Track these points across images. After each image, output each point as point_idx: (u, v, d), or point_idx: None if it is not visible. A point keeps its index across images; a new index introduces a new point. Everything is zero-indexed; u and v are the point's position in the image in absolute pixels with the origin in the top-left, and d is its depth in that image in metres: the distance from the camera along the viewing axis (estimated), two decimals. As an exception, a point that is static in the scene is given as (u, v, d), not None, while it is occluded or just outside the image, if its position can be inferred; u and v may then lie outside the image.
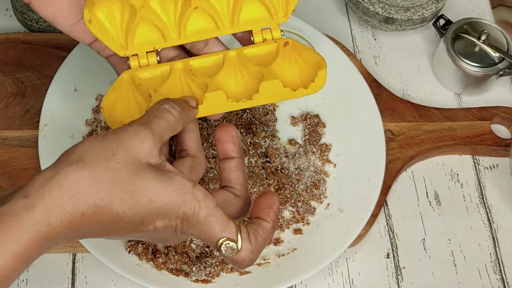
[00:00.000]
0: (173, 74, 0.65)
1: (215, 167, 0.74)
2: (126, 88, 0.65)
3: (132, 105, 0.65)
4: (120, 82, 0.65)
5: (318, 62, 0.65)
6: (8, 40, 0.86)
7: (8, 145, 0.79)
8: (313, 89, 0.64)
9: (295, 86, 0.64)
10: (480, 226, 0.80)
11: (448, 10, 0.94)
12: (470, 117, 0.85)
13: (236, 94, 0.64)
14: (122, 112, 0.64)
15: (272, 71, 0.64)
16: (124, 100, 0.65)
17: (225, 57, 0.66)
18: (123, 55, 0.65)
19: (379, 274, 0.76)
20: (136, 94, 0.65)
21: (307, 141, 0.81)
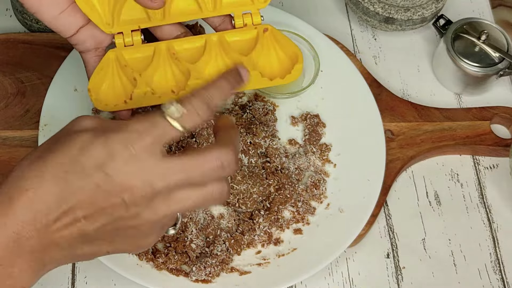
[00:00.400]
0: (157, 57, 0.67)
1: None
2: (112, 68, 0.67)
3: (118, 86, 0.67)
4: (106, 61, 0.67)
5: (296, 54, 0.68)
6: (8, 40, 0.86)
7: (8, 145, 0.79)
8: (288, 79, 0.68)
9: (272, 75, 0.67)
10: (480, 226, 0.80)
11: (448, 10, 0.94)
12: (470, 117, 0.85)
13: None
14: (108, 93, 0.67)
15: (251, 60, 0.67)
16: (110, 81, 0.67)
17: (207, 42, 0.68)
18: (109, 32, 0.67)
19: (379, 274, 0.76)
20: (121, 75, 0.67)
21: (307, 141, 0.81)
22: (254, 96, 0.83)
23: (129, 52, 0.68)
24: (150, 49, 0.68)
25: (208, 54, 0.68)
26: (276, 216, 0.75)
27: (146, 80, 0.66)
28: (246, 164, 0.76)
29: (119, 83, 0.67)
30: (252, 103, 0.82)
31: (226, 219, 0.75)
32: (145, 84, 0.66)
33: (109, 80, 0.67)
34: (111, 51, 0.68)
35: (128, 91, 0.67)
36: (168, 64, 0.68)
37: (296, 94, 0.83)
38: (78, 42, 0.68)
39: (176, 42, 0.69)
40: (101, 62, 0.67)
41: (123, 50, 0.68)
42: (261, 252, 0.74)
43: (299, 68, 0.68)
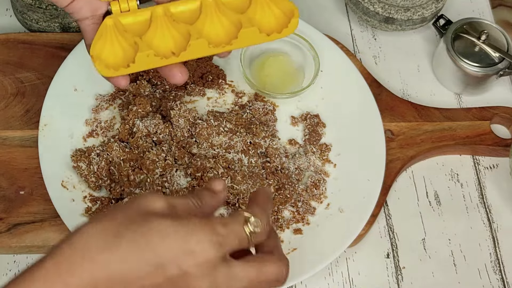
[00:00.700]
0: (155, 21, 0.68)
1: (215, 167, 0.74)
2: (111, 34, 0.67)
3: (119, 51, 0.67)
4: (104, 28, 0.68)
5: (291, 9, 0.69)
6: (8, 40, 0.86)
7: (8, 145, 0.79)
8: (285, 33, 0.69)
9: (269, 31, 0.68)
10: (480, 226, 0.80)
11: (448, 10, 0.94)
12: (470, 117, 0.85)
13: (216, 40, 0.68)
14: (110, 59, 0.67)
15: (248, 17, 0.68)
16: (110, 47, 0.67)
17: (202, 3, 0.69)
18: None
19: (379, 274, 0.76)
20: (121, 40, 0.67)
21: (307, 141, 0.81)
22: (254, 96, 0.83)
23: (126, 18, 0.69)
24: (147, 13, 0.69)
25: (204, 15, 0.69)
26: (276, 216, 0.75)
27: (147, 43, 0.67)
28: (246, 164, 0.76)
29: (120, 48, 0.68)
30: (252, 103, 0.82)
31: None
32: (147, 46, 0.67)
33: (109, 46, 0.68)
34: (108, 18, 0.68)
35: (129, 55, 0.67)
36: (166, 27, 0.68)
37: (296, 94, 0.83)
38: (74, 10, 0.68)
39: (172, 5, 0.69)
40: (99, 30, 0.68)
41: (120, 17, 0.68)
42: (261, 252, 0.74)
43: (295, 22, 0.68)
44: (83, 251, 0.51)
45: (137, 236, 0.51)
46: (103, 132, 0.79)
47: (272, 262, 0.56)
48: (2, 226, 0.74)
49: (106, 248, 0.51)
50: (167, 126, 0.77)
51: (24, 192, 0.76)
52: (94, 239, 0.51)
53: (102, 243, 0.51)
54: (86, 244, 0.51)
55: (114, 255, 0.51)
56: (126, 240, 0.51)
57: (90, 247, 0.51)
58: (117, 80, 0.68)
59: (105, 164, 0.74)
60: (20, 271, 0.52)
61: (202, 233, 0.52)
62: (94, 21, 0.68)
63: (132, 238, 0.51)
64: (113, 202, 0.74)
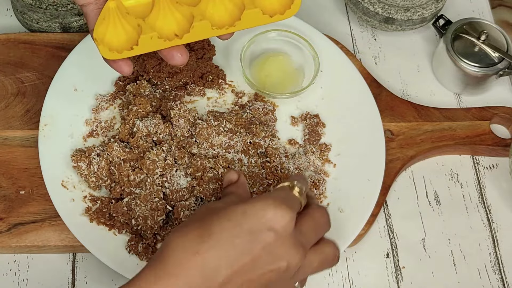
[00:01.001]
0: (158, 2, 0.67)
1: (215, 167, 0.74)
2: (114, 16, 0.67)
3: (122, 34, 0.67)
4: (107, 10, 0.67)
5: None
6: (8, 40, 0.87)
7: (9, 145, 0.79)
8: (288, 15, 0.68)
9: (272, 12, 0.68)
10: (479, 226, 0.80)
11: (448, 10, 0.94)
12: (470, 117, 0.85)
13: (219, 22, 0.68)
14: (113, 41, 0.67)
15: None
16: (113, 29, 0.67)
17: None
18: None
19: (379, 274, 0.76)
20: (124, 23, 0.67)
21: (307, 141, 0.81)
22: (254, 96, 0.83)
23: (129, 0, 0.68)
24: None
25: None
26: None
27: (150, 25, 0.67)
28: (246, 164, 0.76)
29: (123, 31, 0.68)
30: (252, 103, 0.82)
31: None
32: (150, 28, 0.67)
33: (112, 28, 0.67)
34: (110, 1, 0.67)
35: (132, 38, 0.67)
36: (169, 9, 0.68)
37: (296, 94, 0.83)
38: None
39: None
40: (102, 12, 0.67)
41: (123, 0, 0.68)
42: (261, 252, 0.74)
43: (298, 3, 0.68)
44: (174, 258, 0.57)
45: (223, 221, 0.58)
46: (103, 132, 0.79)
47: (328, 244, 0.63)
48: (2, 226, 0.74)
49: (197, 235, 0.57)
50: (167, 126, 0.77)
51: (24, 192, 0.76)
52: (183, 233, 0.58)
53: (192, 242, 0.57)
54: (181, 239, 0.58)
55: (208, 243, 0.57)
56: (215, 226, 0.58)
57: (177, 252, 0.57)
58: (120, 66, 0.67)
59: (105, 164, 0.75)
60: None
61: (272, 203, 0.59)
62: (97, 6, 0.68)
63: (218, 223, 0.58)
64: (113, 202, 0.74)
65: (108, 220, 0.73)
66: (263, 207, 0.58)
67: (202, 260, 0.56)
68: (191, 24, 0.66)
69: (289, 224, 0.58)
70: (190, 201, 0.73)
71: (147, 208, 0.72)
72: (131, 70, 0.68)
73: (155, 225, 0.72)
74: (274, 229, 0.58)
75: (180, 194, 0.73)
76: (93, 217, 0.73)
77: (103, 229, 0.73)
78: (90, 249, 0.71)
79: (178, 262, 0.56)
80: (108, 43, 0.67)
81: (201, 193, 0.73)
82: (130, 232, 0.73)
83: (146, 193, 0.72)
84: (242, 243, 0.57)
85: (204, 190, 0.73)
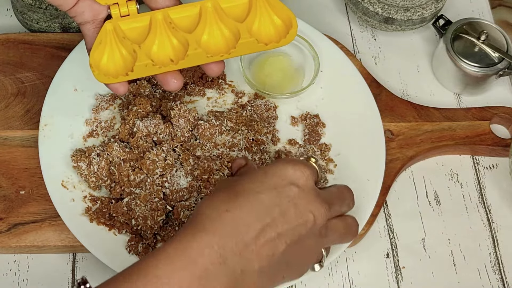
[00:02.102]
0: (154, 27, 0.69)
1: (221, 169, 0.74)
2: (110, 40, 0.68)
3: (118, 59, 0.68)
4: (104, 33, 0.68)
5: (289, 18, 0.69)
6: (8, 40, 0.87)
7: (9, 145, 0.79)
8: (283, 43, 0.69)
9: (268, 41, 0.69)
10: (479, 226, 0.80)
11: (447, 10, 0.94)
12: (469, 117, 0.85)
13: (214, 50, 0.69)
14: (109, 66, 0.68)
15: (247, 26, 0.69)
16: (110, 54, 0.68)
17: (202, 9, 0.69)
18: (104, 3, 0.68)
19: (379, 274, 0.76)
20: (121, 47, 0.68)
21: (307, 141, 0.81)
22: (254, 96, 0.83)
23: (126, 23, 0.69)
24: (146, 19, 0.69)
25: (204, 21, 0.69)
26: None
27: (145, 52, 0.68)
28: None
29: (119, 55, 0.69)
30: (254, 101, 0.82)
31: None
32: (145, 56, 0.67)
33: (108, 52, 0.68)
34: (108, 23, 0.69)
35: (128, 63, 0.68)
36: (166, 34, 0.69)
37: (296, 94, 0.83)
38: (77, 14, 0.69)
39: (171, 10, 0.70)
40: (99, 35, 0.68)
41: (120, 21, 0.69)
42: (261, 252, 0.74)
43: (293, 32, 0.69)
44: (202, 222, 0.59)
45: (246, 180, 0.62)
46: (103, 132, 0.79)
47: (350, 216, 0.68)
48: (2, 226, 0.74)
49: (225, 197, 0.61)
50: (167, 126, 0.77)
51: (24, 192, 0.76)
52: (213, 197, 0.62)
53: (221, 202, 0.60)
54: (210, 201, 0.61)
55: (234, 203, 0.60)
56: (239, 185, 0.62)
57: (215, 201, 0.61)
58: (116, 87, 0.69)
59: (105, 164, 0.75)
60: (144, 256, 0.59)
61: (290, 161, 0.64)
62: (95, 25, 0.69)
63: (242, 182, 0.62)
64: (113, 202, 0.74)
65: (108, 220, 0.73)
66: (282, 166, 0.63)
67: (233, 216, 0.59)
68: (186, 50, 0.67)
69: (310, 179, 0.63)
70: (190, 201, 0.73)
71: (147, 208, 0.72)
72: (126, 91, 0.69)
73: (155, 225, 0.72)
74: (295, 184, 0.62)
75: (180, 194, 0.73)
76: (93, 217, 0.73)
77: (103, 229, 0.73)
78: (90, 249, 0.71)
79: (212, 220, 0.59)
80: (104, 69, 0.68)
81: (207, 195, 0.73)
82: (130, 232, 0.73)
83: (146, 193, 0.72)
84: (268, 198, 0.60)
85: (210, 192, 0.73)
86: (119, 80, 0.67)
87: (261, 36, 0.69)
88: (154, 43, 0.69)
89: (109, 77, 0.67)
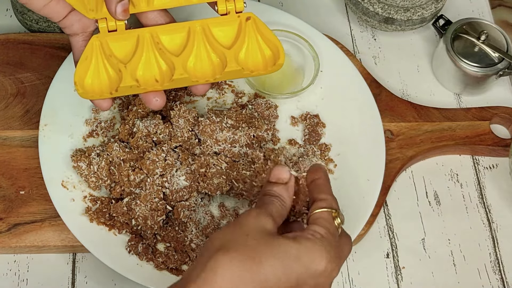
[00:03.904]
0: (141, 45, 0.68)
1: (218, 163, 0.74)
2: (96, 56, 0.68)
3: (104, 76, 0.68)
4: (90, 49, 0.68)
5: (277, 48, 0.69)
6: (8, 40, 0.86)
7: (9, 145, 0.79)
8: (269, 71, 0.69)
9: (254, 69, 0.69)
10: (479, 226, 0.80)
11: (447, 10, 0.94)
12: (469, 117, 0.85)
13: (200, 76, 0.68)
14: (94, 84, 0.68)
15: (234, 53, 0.68)
16: (95, 70, 0.68)
17: (190, 31, 0.69)
18: (92, 17, 0.68)
19: (379, 274, 0.76)
20: (107, 65, 0.68)
21: (307, 141, 0.81)
22: (254, 96, 0.83)
23: (113, 39, 0.69)
24: (134, 35, 0.69)
25: (192, 44, 0.69)
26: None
27: (131, 72, 0.67)
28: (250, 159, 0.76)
29: (105, 73, 0.68)
30: (254, 99, 0.82)
31: (226, 219, 0.75)
32: (130, 77, 0.67)
33: (94, 70, 0.68)
34: (95, 37, 0.68)
35: (113, 82, 0.68)
36: (153, 53, 0.68)
37: (296, 94, 0.83)
38: (66, 25, 0.69)
39: (160, 29, 0.69)
40: (85, 51, 0.68)
41: (107, 37, 0.69)
42: (261, 252, 0.74)
43: (280, 63, 0.68)
44: (231, 279, 0.54)
45: (275, 260, 0.55)
46: (103, 132, 0.79)
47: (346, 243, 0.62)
48: (2, 226, 0.74)
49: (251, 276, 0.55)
50: (167, 126, 0.77)
51: (24, 192, 0.76)
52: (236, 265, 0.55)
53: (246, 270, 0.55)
54: (233, 272, 0.54)
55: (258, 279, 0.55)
56: (267, 265, 0.55)
57: (236, 275, 0.54)
58: (99, 103, 0.69)
59: (105, 164, 0.75)
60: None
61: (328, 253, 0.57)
62: (84, 38, 0.70)
63: (271, 263, 0.55)
64: (113, 202, 0.74)
65: (108, 220, 0.73)
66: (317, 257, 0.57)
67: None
68: (172, 73, 0.67)
69: (334, 277, 0.59)
70: (190, 201, 0.73)
71: (147, 208, 0.72)
72: (110, 106, 0.69)
73: (155, 225, 0.72)
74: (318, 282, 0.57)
75: (180, 194, 0.73)
76: (93, 217, 0.73)
77: (103, 229, 0.73)
78: (90, 249, 0.71)
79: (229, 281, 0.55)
80: (88, 88, 0.67)
81: (205, 189, 0.73)
82: (130, 232, 0.73)
83: (146, 193, 0.72)
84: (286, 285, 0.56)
85: (208, 186, 0.73)
86: (102, 97, 0.67)
87: (248, 64, 0.69)
88: (140, 62, 0.68)
89: (93, 96, 0.67)
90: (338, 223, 0.61)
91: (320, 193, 0.62)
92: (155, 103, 0.68)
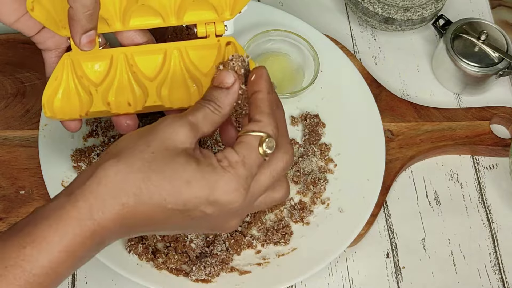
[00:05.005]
0: (114, 66, 0.66)
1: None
2: (67, 76, 0.65)
3: (74, 98, 0.65)
4: (61, 67, 0.65)
5: None
6: (8, 40, 0.86)
7: (8, 145, 0.79)
8: None
9: None
10: (479, 226, 0.80)
11: (447, 10, 0.94)
12: (469, 117, 0.85)
13: (175, 102, 0.65)
14: (63, 104, 0.65)
15: (210, 79, 0.63)
16: (65, 92, 0.65)
17: (166, 53, 0.66)
18: (65, 35, 0.65)
19: (379, 274, 0.76)
20: (78, 86, 0.66)
21: (306, 141, 0.81)
22: (254, 96, 0.83)
23: (86, 58, 0.66)
24: (107, 55, 0.66)
25: (167, 69, 0.66)
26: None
27: (102, 97, 0.65)
28: None
29: (76, 95, 0.66)
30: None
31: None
32: (101, 101, 0.65)
33: (64, 90, 0.65)
34: (66, 56, 0.66)
35: (84, 104, 0.65)
36: (126, 76, 0.66)
37: (296, 94, 0.83)
38: (39, 41, 0.67)
39: (135, 49, 0.66)
40: (55, 70, 0.65)
41: (80, 55, 0.66)
42: (261, 251, 0.74)
43: None
44: (113, 190, 0.52)
45: (164, 182, 0.52)
46: (103, 132, 0.79)
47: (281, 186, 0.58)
48: (2, 226, 0.74)
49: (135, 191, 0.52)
50: (167, 126, 0.76)
51: (24, 192, 0.76)
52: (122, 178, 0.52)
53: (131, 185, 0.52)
54: (116, 184, 0.52)
55: (142, 197, 0.52)
56: (153, 185, 0.52)
57: (119, 188, 0.52)
58: (67, 124, 0.67)
59: (105, 164, 0.74)
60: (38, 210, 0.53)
61: (226, 185, 0.53)
62: (57, 54, 0.67)
63: (158, 183, 0.52)
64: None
65: (108, 220, 0.73)
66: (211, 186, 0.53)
67: None
68: (145, 99, 0.64)
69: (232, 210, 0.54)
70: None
71: (147, 208, 0.72)
72: (79, 128, 0.67)
73: (155, 225, 0.72)
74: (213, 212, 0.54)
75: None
76: (93, 217, 0.73)
77: (103, 229, 0.73)
78: (90, 249, 0.71)
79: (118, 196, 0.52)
80: (58, 110, 0.65)
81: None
82: (130, 232, 0.73)
83: (146, 193, 0.72)
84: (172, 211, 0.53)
85: None
86: (72, 118, 0.65)
87: None
88: (113, 85, 0.65)
89: (62, 117, 0.65)
90: (263, 152, 0.54)
91: (256, 113, 0.56)
92: (125, 127, 0.66)
